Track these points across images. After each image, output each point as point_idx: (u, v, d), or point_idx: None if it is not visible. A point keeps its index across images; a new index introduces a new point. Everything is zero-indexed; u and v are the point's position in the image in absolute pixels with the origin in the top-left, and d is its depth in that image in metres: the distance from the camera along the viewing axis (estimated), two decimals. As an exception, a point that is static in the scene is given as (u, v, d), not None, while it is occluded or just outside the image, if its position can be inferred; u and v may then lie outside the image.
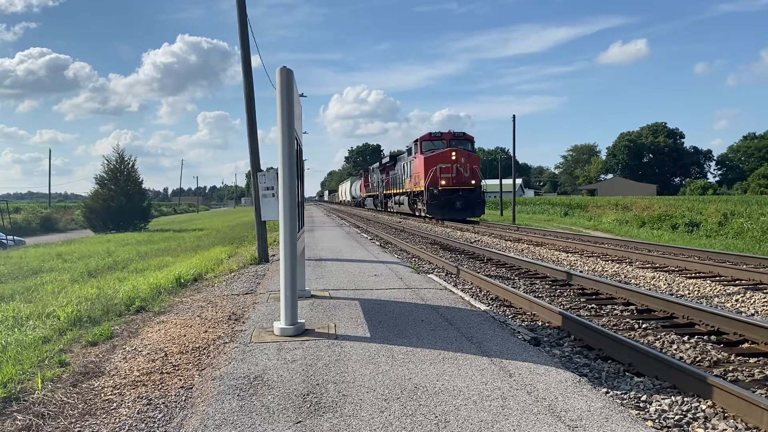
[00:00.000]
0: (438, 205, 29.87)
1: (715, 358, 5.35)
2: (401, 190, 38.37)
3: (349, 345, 4.90)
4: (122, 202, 36.36)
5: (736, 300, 8.08)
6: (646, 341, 6.01)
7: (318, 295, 7.39)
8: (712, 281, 9.60)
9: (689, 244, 19.08)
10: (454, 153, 30.36)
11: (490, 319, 6.02)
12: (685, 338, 6.07)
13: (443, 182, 29.95)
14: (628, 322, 6.87)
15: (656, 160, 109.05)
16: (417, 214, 34.44)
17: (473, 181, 30.40)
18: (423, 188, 30.65)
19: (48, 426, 3.62)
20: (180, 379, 4.35)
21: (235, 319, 6.20)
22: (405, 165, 36.69)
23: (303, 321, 5.52)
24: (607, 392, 4.31)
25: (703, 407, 4.09)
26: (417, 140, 32.97)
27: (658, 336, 6.19)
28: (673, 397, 4.27)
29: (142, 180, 39.52)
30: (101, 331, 6.02)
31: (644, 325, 6.66)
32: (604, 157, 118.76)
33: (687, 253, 13.80)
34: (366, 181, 61.36)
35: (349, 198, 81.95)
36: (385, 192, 46.61)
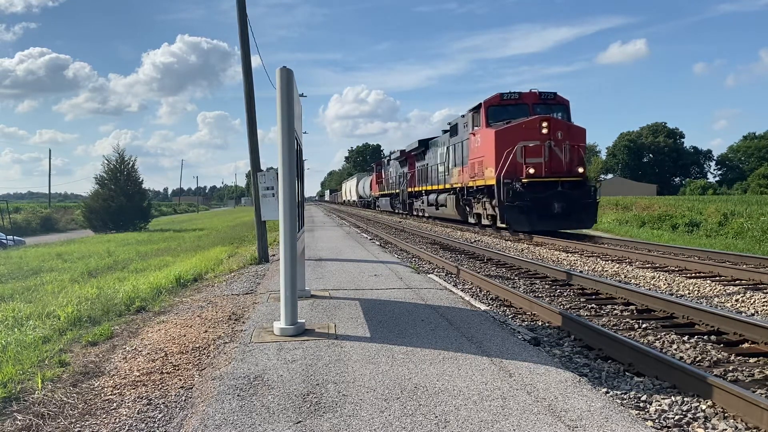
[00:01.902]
0: (522, 209, 18.12)
1: (715, 358, 5.35)
2: (441, 186, 26.93)
3: (349, 345, 4.90)
4: (122, 202, 36.41)
5: (736, 300, 8.07)
6: (646, 341, 6.00)
7: (318, 295, 7.39)
8: (712, 281, 9.60)
9: (689, 244, 19.08)
10: (545, 123, 18.65)
11: (490, 319, 6.02)
12: (685, 338, 6.07)
13: (531, 170, 18.37)
14: (628, 322, 6.87)
15: (656, 160, 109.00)
16: (474, 221, 22.80)
17: (580, 169, 18.78)
18: (492, 180, 19.25)
19: (48, 426, 3.62)
20: (180, 379, 4.35)
21: (235, 319, 6.20)
22: (449, 149, 25.28)
23: (303, 321, 5.52)
24: (607, 392, 4.31)
25: (703, 407, 4.08)
26: (479, 106, 20.96)
27: (658, 336, 6.19)
28: (673, 397, 4.27)
29: (142, 180, 39.66)
30: (101, 331, 6.02)
31: (644, 325, 6.66)
32: (604, 157, 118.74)
33: (687, 252, 13.79)
34: (378, 177, 49.87)
35: (354, 198, 71.41)
36: (410, 189, 35.47)
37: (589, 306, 7.83)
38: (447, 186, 26.01)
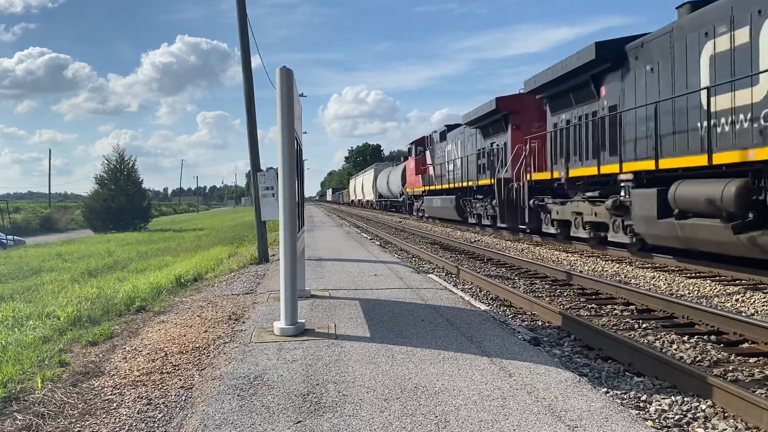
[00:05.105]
0: None
1: (715, 358, 5.35)
2: None
3: (349, 345, 4.90)
4: (122, 202, 36.42)
5: (736, 300, 8.07)
6: (646, 341, 6.00)
7: (318, 294, 7.39)
8: (712, 281, 9.59)
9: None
10: None
11: (490, 319, 6.02)
12: (685, 338, 6.07)
13: None
14: (628, 322, 6.87)
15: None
16: None
17: None
18: None
19: (48, 426, 3.62)
20: (180, 379, 4.35)
21: (235, 319, 6.20)
22: None
23: (303, 321, 5.52)
24: (607, 392, 4.31)
25: (703, 407, 4.08)
26: None
27: (658, 336, 6.18)
28: (673, 397, 4.27)
29: (142, 180, 39.71)
30: (101, 330, 6.02)
31: (644, 325, 6.66)
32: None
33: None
34: (420, 164, 32.76)
35: (370, 197, 54.92)
36: (532, 177, 16.73)
37: (589, 306, 7.83)
38: None
